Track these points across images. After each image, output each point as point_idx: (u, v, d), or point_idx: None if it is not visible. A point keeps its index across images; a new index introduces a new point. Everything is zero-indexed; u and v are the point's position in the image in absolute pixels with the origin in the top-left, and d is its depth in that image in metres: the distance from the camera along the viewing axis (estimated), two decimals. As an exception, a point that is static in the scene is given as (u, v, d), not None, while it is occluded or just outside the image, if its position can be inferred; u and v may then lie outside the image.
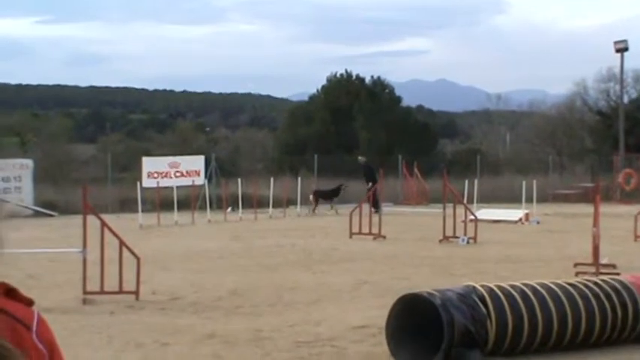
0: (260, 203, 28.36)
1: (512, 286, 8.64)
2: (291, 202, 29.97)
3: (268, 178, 30.41)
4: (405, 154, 37.53)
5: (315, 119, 49.35)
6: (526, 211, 25.28)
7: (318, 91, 52.97)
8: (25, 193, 28.76)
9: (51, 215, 28.52)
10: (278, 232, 22.49)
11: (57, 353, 1.98)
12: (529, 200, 26.04)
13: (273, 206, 28.43)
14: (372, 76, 52.59)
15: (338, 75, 52.55)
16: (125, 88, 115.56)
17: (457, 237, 19.23)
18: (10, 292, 1.92)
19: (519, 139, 53.86)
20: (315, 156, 37.17)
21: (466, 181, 27.24)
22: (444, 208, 19.53)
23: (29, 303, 1.91)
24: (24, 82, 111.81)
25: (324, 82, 52.94)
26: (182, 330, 9.91)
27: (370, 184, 28.75)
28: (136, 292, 11.84)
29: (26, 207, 27.95)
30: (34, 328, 1.89)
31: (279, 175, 34.65)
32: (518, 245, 18.83)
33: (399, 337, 8.33)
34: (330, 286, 13.16)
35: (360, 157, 31.91)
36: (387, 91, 52.21)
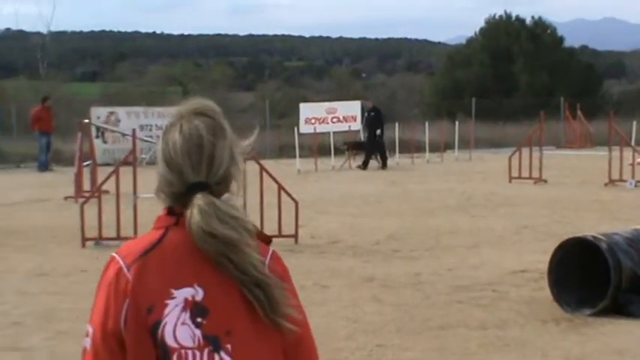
0: (417, 148, 28.15)
1: (686, 230, 8.18)
2: (448, 146, 29.59)
3: (425, 122, 30.05)
4: (567, 96, 36.29)
5: (474, 62, 48.36)
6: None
7: (476, 34, 51.85)
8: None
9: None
10: (435, 176, 22.27)
11: (293, 289, 2.18)
12: (703, 142, 24.66)
13: (430, 151, 28.16)
14: (532, 17, 51.00)
15: (497, 16, 51.21)
16: (282, 36, 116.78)
17: (624, 180, 18.46)
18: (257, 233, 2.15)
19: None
20: (473, 100, 36.48)
21: (634, 123, 26.03)
22: (610, 151, 18.75)
23: (268, 241, 2.17)
24: (186, 33, 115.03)
25: (482, 24, 51.80)
26: (341, 273, 9.97)
27: (379, 131, 25.31)
28: (295, 236, 11.98)
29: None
30: (267, 262, 2.11)
31: (435, 119, 34.24)
32: (691, 189, 17.89)
33: (562, 282, 8.07)
34: (489, 231, 12.93)
35: (364, 102, 28.19)
36: (548, 31, 50.44)
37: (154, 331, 1.98)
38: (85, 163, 18.39)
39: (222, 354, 2.00)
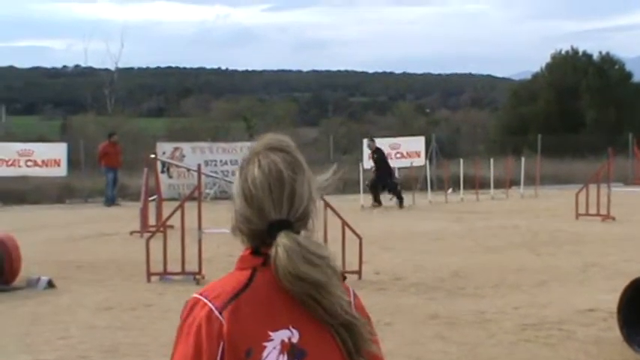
0: (482, 184, 27.91)
1: None
2: (513, 182, 29.28)
3: (489, 158, 29.82)
4: (636, 132, 35.68)
5: (539, 98, 47.92)
6: None
7: (541, 69, 51.45)
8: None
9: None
10: (500, 213, 22.01)
11: (372, 325, 2.13)
12: None
13: (495, 187, 27.89)
14: (600, 52, 50.42)
15: (563, 52, 50.78)
16: (346, 72, 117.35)
17: (695, 218, 18.01)
18: None
19: None
20: (539, 136, 36.11)
21: None
22: (680, 188, 18.34)
23: (343, 278, 2.06)
24: (250, 69, 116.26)
25: (547, 60, 51.40)
26: (405, 310, 9.87)
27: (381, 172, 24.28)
28: (359, 272, 11.92)
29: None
30: (353, 301, 2.07)
31: (500, 155, 33.93)
32: None
33: (632, 321, 7.86)
34: (556, 269, 12.70)
35: (369, 142, 26.41)
36: (616, 67, 49.80)
37: None
38: (150, 198, 18.62)
39: None
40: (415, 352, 7.96)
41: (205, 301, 1.97)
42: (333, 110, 71.72)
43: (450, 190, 27.91)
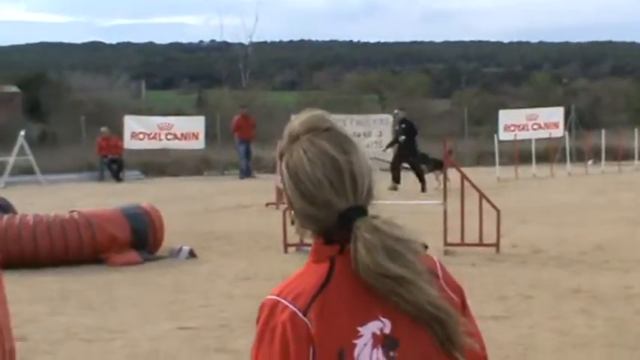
0: (624, 155, 26.92)
1: None
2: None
3: (633, 128, 28.68)
4: None
5: (685, 65, 45.84)
6: None
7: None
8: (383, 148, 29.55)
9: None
10: (645, 184, 21.18)
11: (466, 301, 1.96)
12: None
13: (639, 158, 26.85)
14: None
15: None
16: (479, 42, 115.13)
17: None
18: None
19: None
20: (685, 104, 34.54)
21: None
22: None
23: (424, 247, 1.89)
24: (382, 40, 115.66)
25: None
26: (545, 284, 9.62)
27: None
28: (497, 245, 11.68)
29: (382, 160, 28.79)
30: (440, 275, 1.91)
31: (644, 125, 32.64)
32: None
33: None
34: None
35: (396, 111, 23.58)
36: None
37: None
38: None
39: None
40: (560, 325, 7.74)
41: (285, 303, 1.83)
42: (466, 81, 70.65)
43: (590, 162, 27.03)
